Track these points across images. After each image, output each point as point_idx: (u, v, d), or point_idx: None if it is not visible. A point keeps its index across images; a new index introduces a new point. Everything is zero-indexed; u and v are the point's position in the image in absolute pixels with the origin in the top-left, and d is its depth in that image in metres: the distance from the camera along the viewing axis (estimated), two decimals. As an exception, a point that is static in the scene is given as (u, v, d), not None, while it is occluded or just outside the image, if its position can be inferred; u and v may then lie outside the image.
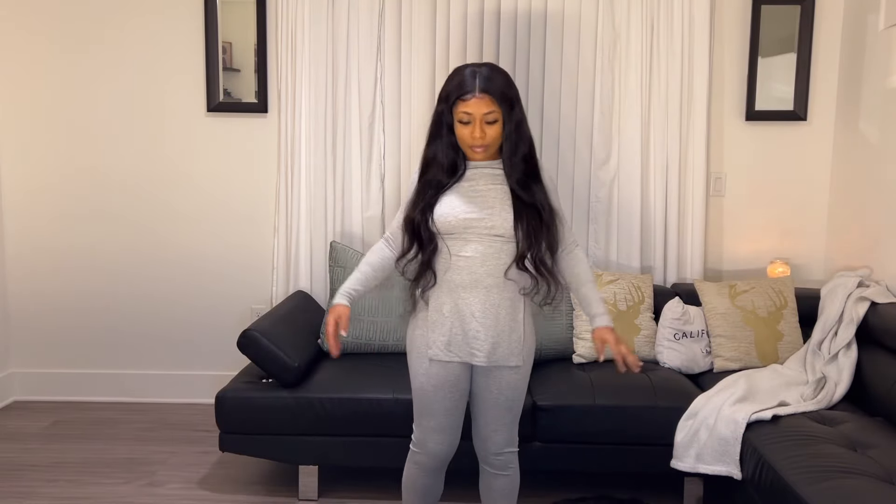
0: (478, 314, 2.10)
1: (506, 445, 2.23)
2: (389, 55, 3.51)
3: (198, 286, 3.80)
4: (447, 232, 2.11)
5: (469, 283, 2.10)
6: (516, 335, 2.14)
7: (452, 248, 2.11)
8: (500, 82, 2.07)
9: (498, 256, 2.10)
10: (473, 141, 2.07)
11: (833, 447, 2.28)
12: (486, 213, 2.09)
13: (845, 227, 3.45)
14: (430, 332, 2.15)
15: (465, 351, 2.13)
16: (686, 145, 3.49)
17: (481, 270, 2.09)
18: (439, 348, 2.14)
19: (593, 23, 3.44)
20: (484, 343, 2.12)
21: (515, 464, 2.27)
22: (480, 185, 2.13)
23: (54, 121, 3.73)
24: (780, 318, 3.10)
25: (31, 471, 3.09)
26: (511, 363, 2.15)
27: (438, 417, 2.19)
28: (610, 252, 3.53)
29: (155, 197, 3.76)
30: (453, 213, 2.09)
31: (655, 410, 2.74)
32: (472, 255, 2.09)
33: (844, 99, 3.46)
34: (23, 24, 3.67)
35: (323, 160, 3.56)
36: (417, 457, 2.25)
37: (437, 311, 2.14)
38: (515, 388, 2.19)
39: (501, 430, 2.21)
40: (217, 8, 3.60)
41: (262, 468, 3.13)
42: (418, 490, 2.29)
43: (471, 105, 2.04)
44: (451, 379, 2.16)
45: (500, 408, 2.19)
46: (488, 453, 2.24)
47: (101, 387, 3.86)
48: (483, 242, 2.09)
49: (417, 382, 2.21)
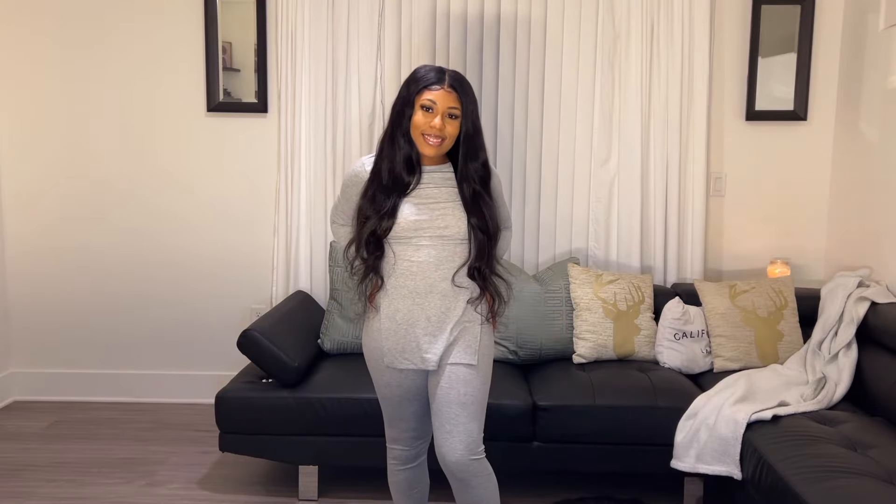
0: (433, 318, 2.07)
1: (466, 452, 2.06)
2: (389, 55, 3.51)
3: (198, 286, 3.80)
4: (396, 237, 2.07)
5: (424, 288, 2.06)
6: (471, 335, 2.10)
7: (403, 253, 2.07)
8: (468, 87, 2.07)
9: (452, 259, 2.07)
10: (431, 129, 2.01)
11: (833, 447, 2.28)
12: (437, 213, 2.06)
13: (845, 227, 3.45)
14: (383, 340, 2.12)
15: (417, 357, 2.10)
16: (686, 145, 3.49)
17: (435, 275, 2.07)
18: (394, 356, 2.12)
19: (593, 23, 3.44)
20: (437, 348, 2.08)
21: (486, 468, 2.11)
22: (430, 188, 2.09)
23: (54, 121, 3.73)
24: (781, 318, 3.10)
25: (31, 471, 3.09)
26: (464, 360, 2.08)
27: (408, 421, 2.21)
28: (610, 252, 3.53)
29: (155, 197, 3.76)
30: (402, 217, 2.06)
31: (655, 410, 2.73)
32: (424, 260, 2.06)
33: (844, 99, 3.46)
34: (23, 24, 3.67)
35: (323, 160, 3.56)
36: (394, 452, 2.27)
37: (389, 318, 2.10)
38: (468, 382, 2.08)
39: (456, 431, 2.05)
40: (217, 8, 3.60)
41: (262, 468, 3.13)
42: (400, 483, 2.29)
43: (437, 95, 2.02)
44: (412, 386, 2.15)
45: (451, 404, 2.06)
46: (448, 462, 2.07)
47: (101, 387, 3.86)
48: (436, 246, 2.06)
49: (380, 392, 2.21)
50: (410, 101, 2.04)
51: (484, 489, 2.10)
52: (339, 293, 3.23)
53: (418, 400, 2.18)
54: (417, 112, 2.03)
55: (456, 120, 2.04)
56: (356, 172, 2.15)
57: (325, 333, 3.20)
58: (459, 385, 2.08)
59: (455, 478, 2.09)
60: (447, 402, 2.07)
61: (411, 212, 2.06)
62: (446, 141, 2.04)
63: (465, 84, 2.07)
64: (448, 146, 2.07)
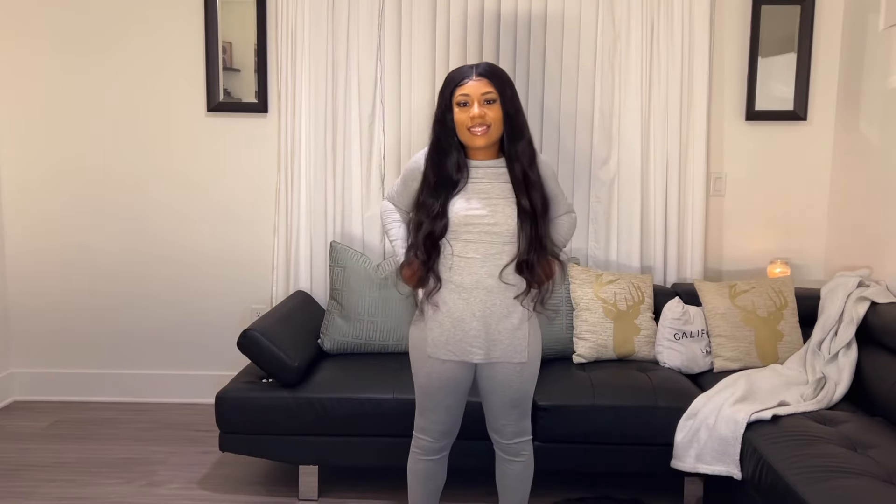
0: (478, 314, 2.11)
1: (515, 436, 2.25)
2: (389, 55, 3.51)
3: (198, 286, 3.80)
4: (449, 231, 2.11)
5: (470, 283, 2.11)
6: (521, 333, 2.15)
7: (454, 248, 2.12)
8: (498, 70, 2.11)
9: (499, 256, 2.10)
10: (472, 121, 2.05)
11: (833, 447, 2.28)
12: (488, 210, 2.09)
13: (845, 227, 3.45)
14: (429, 330, 2.17)
15: (462, 349, 2.14)
16: (686, 145, 3.49)
17: (482, 271, 2.10)
18: (437, 346, 2.16)
19: (593, 23, 3.44)
20: (483, 342, 2.13)
21: (529, 451, 2.30)
22: (483, 183, 2.13)
23: (54, 121, 3.73)
24: (780, 318, 3.10)
25: (31, 471, 3.09)
26: (514, 359, 2.15)
27: (440, 414, 2.23)
28: (610, 252, 3.53)
29: (155, 197, 3.76)
30: (454, 212, 2.10)
31: (655, 410, 2.73)
32: (473, 256, 2.10)
33: (844, 99, 3.46)
34: (23, 23, 3.67)
35: (323, 160, 3.56)
36: (419, 441, 2.29)
37: (437, 310, 2.15)
38: (518, 387, 2.19)
39: (509, 424, 2.24)
40: (217, 8, 3.60)
41: (262, 468, 3.13)
42: (419, 473, 2.31)
43: (468, 87, 2.05)
44: (451, 378, 2.17)
45: (505, 405, 2.21)
46: (500, 442, 2.27)
47: (101, 387, 3.87)
48: (483, 242, 2.10)
49: (419, 381, 2.23)
50: (448, 104, 2.09)
51: (526, 466, 2.30)
52: (339, 293, 3.23)
53: (454, 395, 2.21)
54: (456, 111, 2.07)
55: (494, 104, 2.06)
56: (415, 166, 2.20)
57: (325, 333, 3.20)
58: (510, 390, 2.18)
59: (505, 454, 2.28)
60: (501, 402, 2.20)
61: (462, 206, 2.10)
62: (492, 128, 2.07)
63: (496, 70, 2.10)
64: (496, 133, 2.09)
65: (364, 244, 3.58)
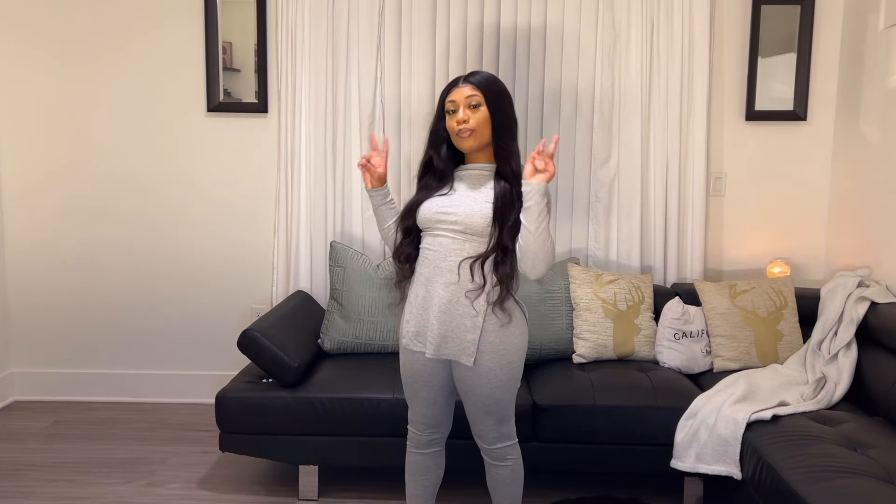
0: (437, 305, 2.13)
1: (497, 441, 2.22)
2: (389, 56, 3.51)
3: (198, 286, 3.80)
4: (422, 227, 2.18)
5: (432, 274, 2.14)
6: (472, 336, 2.11)
7: (424, 241, 2.18)
8: (486, 76, 2.16)
9: (461, 251, 2.11)
10: (459, 125, 2.11)
11: (833, 447, 2.28)
12: (460, 210, 2.11)
13: (845, 227, 3.45)
14: (404, 321, 2.23)
15: (424, 341, 2.18)
16: (686, 145, 3.49)
17: (443, 264, 2.13)
18: (408, 338, 2.21)
19: (593, 23, 3.44)
20: (436, 336, 2.14)
21: (515, 454, 2.27)
22: (463, 187, 2.17)
23: (55, 120, 3.74)
24: (780, 317, 3.10)
25: (31, 471, 3.09)
26: (461, 360, 2.13)
27: (419, 405, 2.26)
28: (610, 252, 3.53)
29: (155, 197, 3.76)
30: (428, 208, 2.16)
31: (655, 410, 2.73)
32: (437, 249, 2.14)
33: (844, 99, 3.46)
34: (23, 23, 3.68)
35: (323, 160, 3.56)
36: (410, 433, 2.33)
37: (409, 301, 2.23)
38: (488, 394, 2.14)
39: (488, 429, 2.21)
40: (217, 8, 3.60)
41: (262, 468, 3.13)
42: (411, 465, 2.33)
43: (454, 94, 2.13)
44: (423, 370, 2.20)
45: (478, 410, 2.18)
46: (484, 447, 2.26)
47: (101, 387, 3.87)
48: (449, 236, 2.13)
49: (400, 371, 2.30)
50: (441, 113, 2.18)
51: (513, 471, 2.26)
52: (339, 293, 3.23)
53: (429, 388, 2.23)
54: (447, 119, 2.16)
55: (479, 108, 2.11)
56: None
57: (325, 333, 3.20)
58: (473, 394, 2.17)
59: (489, 458, 2.26)
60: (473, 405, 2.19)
61: (436, 203, 2.15)
62: (477, 130, 2.11)
63: (483, 76, 2.16)
64: (483, 135, 2.12)
65: (364, 244, 3.58)
